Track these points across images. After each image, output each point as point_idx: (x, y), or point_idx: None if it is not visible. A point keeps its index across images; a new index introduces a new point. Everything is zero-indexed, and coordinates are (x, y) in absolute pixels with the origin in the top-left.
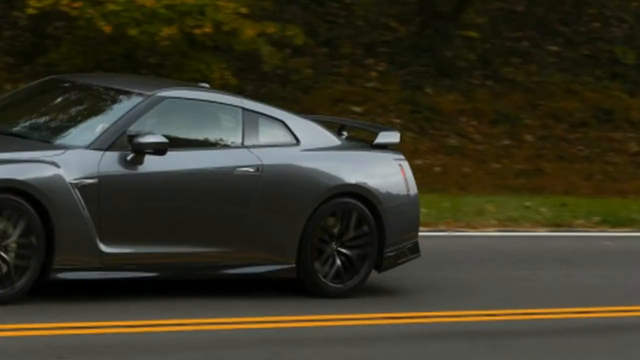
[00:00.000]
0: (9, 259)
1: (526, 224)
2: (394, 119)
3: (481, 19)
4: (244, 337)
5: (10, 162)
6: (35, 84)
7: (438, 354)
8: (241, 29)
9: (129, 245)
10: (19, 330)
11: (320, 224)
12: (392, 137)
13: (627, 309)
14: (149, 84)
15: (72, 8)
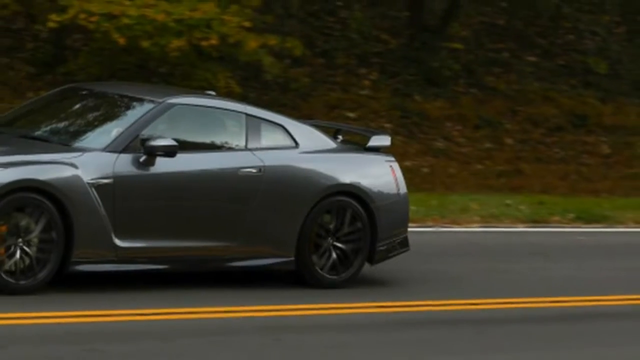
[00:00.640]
0: (31, 253)
1: (507, 221)
2: (385, 124)
3: (465, 32)
4: (246, 324)
5: (32, 164)
6: (55, 92)
7: (426, 340)
8: (245, 41)
9: (142, 240)
10: (40, 317)
11: (317, 220)
12: (383, 140)
13: (599, 299)
14: (159, 92)
15: (89, 22)
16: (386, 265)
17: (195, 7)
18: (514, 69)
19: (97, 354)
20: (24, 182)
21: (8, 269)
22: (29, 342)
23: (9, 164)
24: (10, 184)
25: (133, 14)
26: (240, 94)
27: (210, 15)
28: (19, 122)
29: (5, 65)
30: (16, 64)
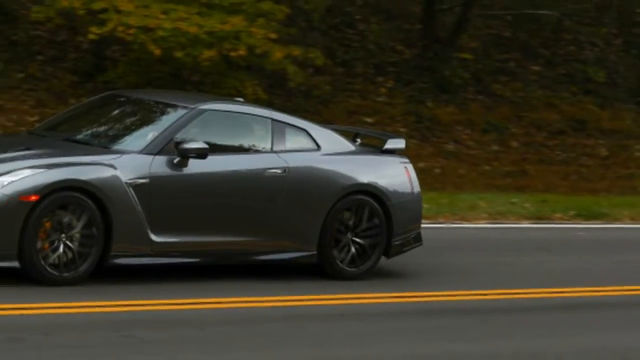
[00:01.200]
0: (73, 247)
1: (512, 217)
2: (400, 128)
3: (474, 43)
4: (272, 313)
5: (74, 165)
6: (95, 99)
7: (437, 328)
8: (270, 51)
9: (175, 235)
10: (82, 307)
11: (338, 217)
12: (398, 143)
13: (598, 289)
14: (192, 98)
15: (127, 34)
16: (401, 258)
17: (225, 20)
18: (519, 78)
19: (134, 340)
20: (67, 182)
21: (52, 262)
22: (72, 329)
23: (53, 165)
24: (54, 183)
25: (167, 26)
26: (266, 100)
27: (238, 28)
28: (62, 126)
29: (49, 74)
30: (60, 73)
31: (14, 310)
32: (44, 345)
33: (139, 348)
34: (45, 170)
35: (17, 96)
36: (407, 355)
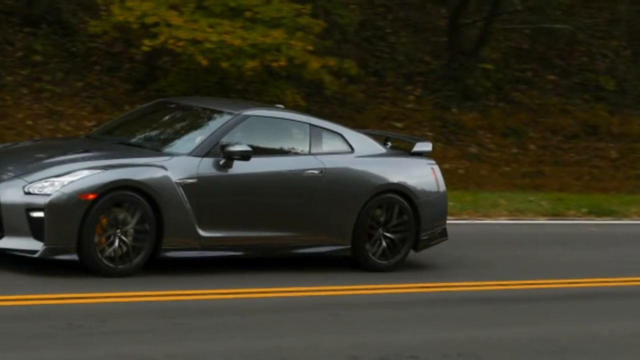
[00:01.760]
0: (128, 241)
1: (530, 214)
2: (427, 133)
3: (495, 55)
4: (309, 302)
5: (129, 166)
6: (148, 105)
7: (461, 315)
8: (308, 62)
9: (222, 230)
10: (135, 296)
11: (370, 214)
12: (426, 146)
13: (609, 280)
14: (236, 105)
15: (177, 46)
16: (428, 252)
17: (266, 33)
18: (536, 86)
19: (183, 327)
20: (122, 181)
21: (108, 255)
22: (126, 317)
23: (110, 166)
24: (111, 183)
25: (214, 39)
26: (304, 107)
27: (279, 41)
28: (117, 130)
29: (106, 82)
30: (115, 82)
31: (73, 299)
32: (99, 331)
33: (187, 334)
34: (102, 171)
35: (76, 103)
36: (434, 341)
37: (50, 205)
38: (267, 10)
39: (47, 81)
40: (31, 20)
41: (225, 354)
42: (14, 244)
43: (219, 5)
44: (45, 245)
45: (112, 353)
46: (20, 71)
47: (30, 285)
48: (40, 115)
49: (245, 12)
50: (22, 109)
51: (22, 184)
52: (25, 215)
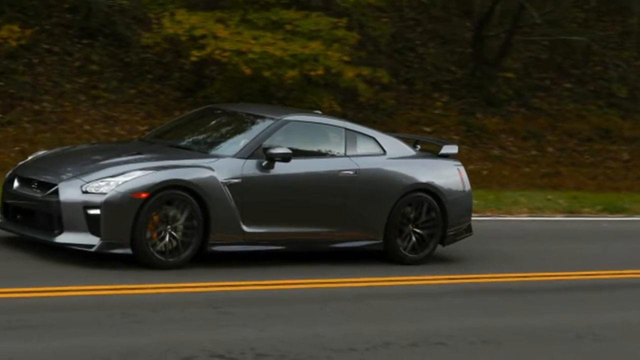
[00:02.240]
0: (177, 237)
1: (548, 212)
2: (454, 136)
3: (516, 64)
4: (345, 292)
5: (179, 167)
6: (196, 111)
7: (484, 304)
8: (344, 71)
9: (264, 226)
10: (184, 287)
11: (401, 211)
12: (452, 149)
13: (621, 272)
14: (277, 111)
15: (223, 56)
16: (454, 246)
17: (305, 45)
18: (554, 93)
19: (227, 315)
20: (172, 181)
21: (159, 250)
22: (175, 306)
23: (161, 167)
24: (162, 183)
25: (257, 50)
26: (340, 112)
27: (317, 52)
28: (168, 134)
29: (157, 90)
30: (166, 89)
31: (127, 290)
32: (151, 319)
33: (232, 322)
34: (154, 172)
35: (130, 109)
36: (460, 328)
37: (105, 203)
38: (306, 24)
39: (103, 89)
40: (88, 32)
41: (267, 341)
42: (72, 239)
43: (261, 19)
44: (101, 240)
45: (162, 340)
46: (78, 80)
47: (87, 277)
48: (96, 120)
49: (286, 25)
50: (80, 114)
51: (80, 184)
52: (82, 213)
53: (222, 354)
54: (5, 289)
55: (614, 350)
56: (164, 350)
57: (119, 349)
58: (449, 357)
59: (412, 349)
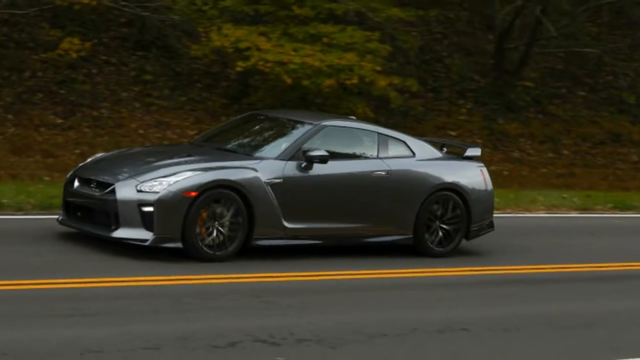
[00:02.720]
0: (224, 232)
1: (563, 209)
2: (477, 140)
3: (534, 74)
4: (379, 283)
5: (225, 168)
6: (241, 117)
7: (505, 294)
8: (376, 80)
9: (303, 222)
10: (230, 278)
11: (429, 208)
12: (475, 151)
13: (630, 264)
14: (316, 116)
15: (266, 67)
16: (477, 240)
17: (341, 56)
18: (569, 101)
19: (270, 304)
20: (219, 181)
21: (207, 244)
22: (222, 295)
23: (209, 168)
24: (210, 182)
25: (297, 61)
26: (373, 118)
27: (352, 62)
28: (215, 138)
29: (205, 98)
30: (213, 97)
31: (178, 281)
32: (201, 307)
33: (275, 310)
34: (203, 172)
35: (180, 115)
36: (482, 316)
37: (158, 201)
38: (341, 37)
39: (156, 96)
40: (142, 45)
41: (306, 327)
42: (128, 234)
43: (301, 33)
44: (155, 235)
45: (211, 326)
46: (133, 88)
47: (141, 269)
48: (150, 125)
49: (324, 38)
50: (134, 120)
51: (135, 183)
52: (137, 210)
53: (265, 339)
54: (67, 280)
55: (622, 336)
56: (213, 335)
57: (172, 334)
58: (472, 342)
59: (437, 335)
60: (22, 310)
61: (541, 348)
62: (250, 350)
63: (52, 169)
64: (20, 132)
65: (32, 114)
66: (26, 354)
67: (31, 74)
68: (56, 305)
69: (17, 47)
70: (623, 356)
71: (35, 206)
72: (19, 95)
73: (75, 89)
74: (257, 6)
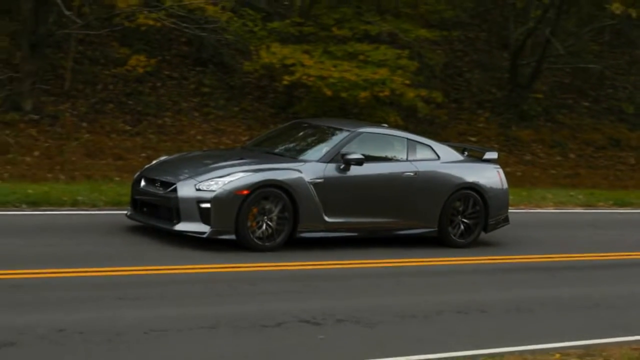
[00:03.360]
0: (272, 225)
1: (570, 205)
2: (494, 145)
3: (544, 87)
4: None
5: (273, 170)
6: (286, 125)
7: (517, 280)
8: (406, 92)
9: (342, 217)
10: (277, 266)
11: (452, 205)
12: (493, 155)
13: (630, 254)
14: (353, 124)
15: (309, 81)
16: (494, 233)
17: (375, 71)
18: (575, 110)
19: (312, 288)
20: (268, 181)
21: (257, 236)
22: (270, 281)
23: (259, 170)
24: (260, 182)
25: (336, 76)
26: (402, 125)
27: (384, 77)
28: (264, 143)
29: (256, 107)
30: (263, 107)
31: (231, 268)
32: (251, 292)
33: (316, 294)
34: (253, 173)
35: (234, 123)
36: (499, 299)
37: (214, 198)
38: (375, 55)
39: (213, 107)
40: (201, 62)
41: (344, 309)
42: (188, 227)
43: (340, 51)
44: (211, 228)
45: (261, 309)
46: (192, 99)
47: (199, 258)
48: (207, 132)
49: (359, 56)
50: (194, 127)
51: (194, 183)
52: (196, 206)
53: (308, 320)
54: (134, 267)
55: (623, 315)
56: (262, 316)
57: (226, 315)
58: (490, 322)
59: (460, 315)
60: (95, 294)
61: (550, 326)
62: (295, 330)
63: (121, 170)
64: (93, 138)
65: (104, 122)
66: (98, 333)
67: (103, 87)
68: (124, 290)
69: (91, 63)
70: (623, 333)
71: (107, 203)
72: (93, 106)
73: (141, 100)
74: (301, 28)
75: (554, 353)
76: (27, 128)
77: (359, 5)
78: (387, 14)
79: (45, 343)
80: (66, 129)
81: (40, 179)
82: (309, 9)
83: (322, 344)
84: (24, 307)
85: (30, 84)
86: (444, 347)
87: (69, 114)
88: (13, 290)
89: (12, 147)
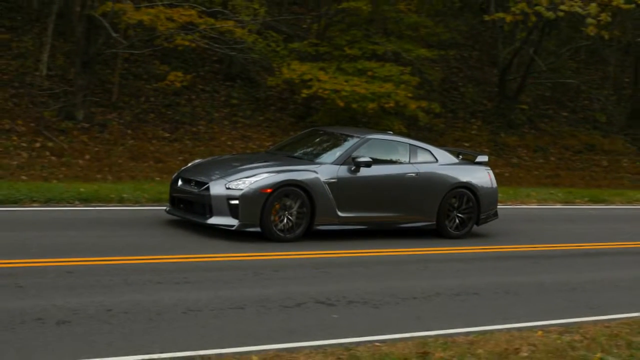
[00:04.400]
0: (292, 219)
1: (551, 202)
2: (485, 149)
3: (528, 99)
4: (408, 258)
5: (293, 171)
6: (305, 132)
7: (507, 266)
8: (408, 104)
9: (353, 211)
10: (296, 254)
11: (448, 201)
12: (484, 158)
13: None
14: (362, 131)
15: (324, 94)
16: (485, 226)
17: (381, 85)
18: (555, 119)
19: (327, 274)
20: (289, 181)
21: (280, 228)
22: (289, 267)
23: (281, 171)
24: (282, 182)
25: (348, 89)
26: (405, 133)
27: (389, 90)
28: (285, 148)
29: (278, 117)
30: (284, 116)
31: (257, 257)
32: (274, 277)
33: (330, 279)
34: (276, 174)
35: (259, 130)
36: (489, 283)
37: (242, 196)
38: (381, 71)
39: (240, 116)
40: (230, 77)
41: (355, 292)
42: (219, 221)
43: (351, 68)
44: (239, 222)
45: (283, 291)
46: (223, 110)
47: (229, 247)
48: (236, 138)
49: (368, 72)
50: (224, 134)
51: (224, 183)
52: (226, 203)
53: (323, 301)
54: (173, 255)
55: (597, 297)
56: (283, 298)
57: (253, 297)
58: (481, 303)
59: (455, 297)
60: (138, 279)
61: (534, 307)
62: (312, 310)
63: (161, 171)
64: (137, 143)
65: (146, 130)
66: (142, 312)
67: (145, 99)
68: (165, 275)
69: (135, 78)
70: (598, 313)
71: (148, 199)
72: (136, 115)
73: (178, 110)
74: (317, 48)
75: (537, 330)
76: (79, 135)
77: (368, 28)
78: (392, 36)
79: (95, 321)
80: (113, 135)
81: (91, 179)
82: (324, 32)
83: (335, 322)
84: (77, 290)
85: (82, 97)
86: (441, 325)
87: (116, 122)
88: (68, 276)
89: (66, 151)
